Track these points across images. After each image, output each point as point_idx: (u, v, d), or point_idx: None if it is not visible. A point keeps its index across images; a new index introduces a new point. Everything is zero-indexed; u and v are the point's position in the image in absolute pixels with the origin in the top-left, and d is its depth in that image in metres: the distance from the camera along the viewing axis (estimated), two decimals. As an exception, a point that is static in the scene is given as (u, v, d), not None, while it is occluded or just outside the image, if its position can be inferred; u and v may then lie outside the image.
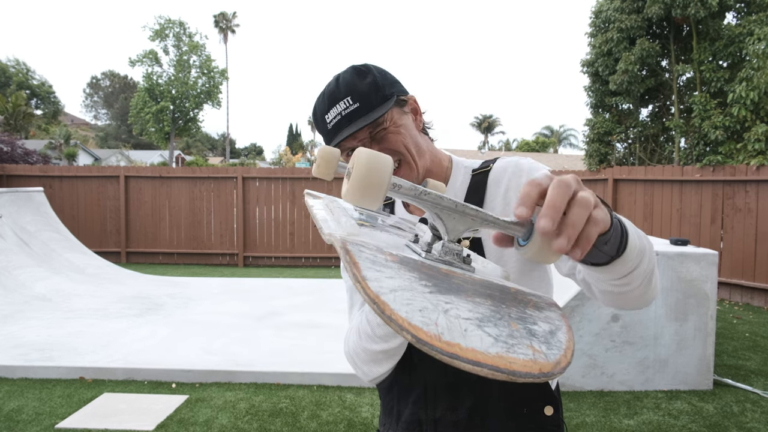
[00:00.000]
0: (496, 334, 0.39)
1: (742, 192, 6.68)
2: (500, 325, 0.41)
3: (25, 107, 27.92)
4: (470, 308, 0.42)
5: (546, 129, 51.52)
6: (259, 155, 63.32)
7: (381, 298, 0.38)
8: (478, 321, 0.40)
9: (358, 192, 0.48)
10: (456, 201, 0.53)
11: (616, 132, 9.82)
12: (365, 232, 0.60)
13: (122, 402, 3.40)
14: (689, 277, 3.62)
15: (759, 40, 7.34)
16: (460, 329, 0.38)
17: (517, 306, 0.47)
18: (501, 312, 0.43)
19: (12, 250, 6.31)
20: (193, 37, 28.93)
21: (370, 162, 0.48)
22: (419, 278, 0.44)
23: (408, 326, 0.36)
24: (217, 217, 9.27)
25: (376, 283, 0.40)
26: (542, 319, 0.45)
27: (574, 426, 3.14)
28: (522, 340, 0.40)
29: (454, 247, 0.54)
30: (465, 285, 0.47)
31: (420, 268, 0.48)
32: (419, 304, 0.39)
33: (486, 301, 0.45)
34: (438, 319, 0.38)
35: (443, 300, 0.41)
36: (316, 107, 0.95)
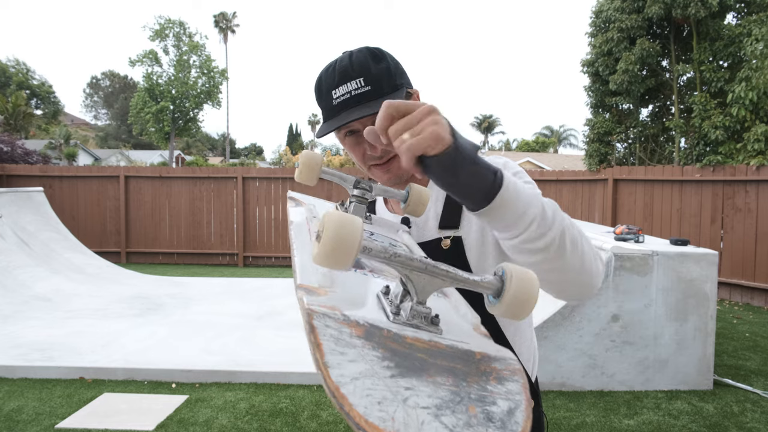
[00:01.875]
0: (453, 425, 0.39)
1: (742, 192, 6.68)
2: (458, 411, 0.41)
3: (25, 107, 27.92)
4: (430, 393, 0.42)
5: (546, 129, 51.51)
6: (259, 155, 63.31)
7: (340, 390, 0.39)
8: (436, 409, 0.40)
9: (327, 259, 0.47)
10: (426, 262, 0.53)
11: (616, 132, 9.82)
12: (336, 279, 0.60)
13: (122, 402, 3.41)
14: (689, 277, 3.62)
15: (757, 40, 7.34)
16: (417, 423, 0.38)
17: (478, 381, 0.47)
18: (461, 393, 0.44)
19: (12, 250, 6.31)
20: (193, 37, 28.94)
21: (340, 229, 0.47)
22: (382, 358, 0.45)
23: (365, 425, 0.37)
24: (217, 217, 9.27)
25: (337, 371, 0.40)
26: (503, 395, 0.45)
27: (574, 426, 3.14)
28: (478, 429, 0.40)
29: (423, 309, 0.54)
30: (428, 360, 0.47)
31: (385, 341, 0.48)
32: (379, 394, 0.40)
33: (447, 379, 0.45)
34: (396, 413, 0.38)
35: (404, 385, 0.42)
36: (323, 79, 0.92)
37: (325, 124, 0.94)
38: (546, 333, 3.57)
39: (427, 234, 0.99)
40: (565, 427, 3.12)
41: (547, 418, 3.22)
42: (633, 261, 3.59)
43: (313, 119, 67.86)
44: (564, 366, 3.62)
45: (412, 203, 0.88)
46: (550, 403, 3.43)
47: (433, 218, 0.99)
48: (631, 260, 3.59)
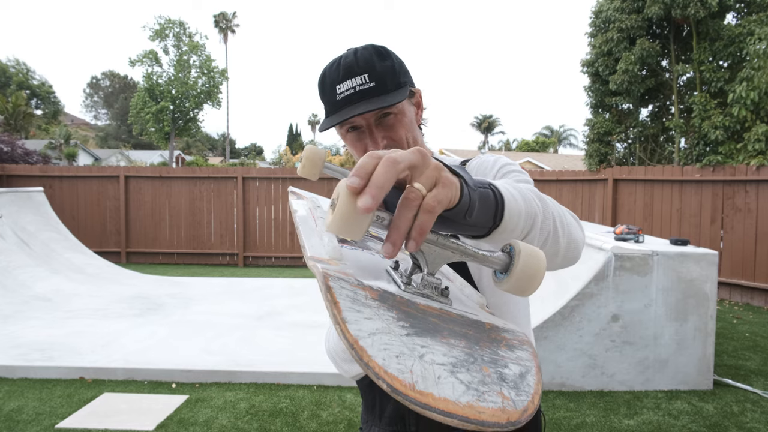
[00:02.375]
0: (468, 381, 0.40)
1: (742, 192, 6.68)
2: (473, 370, 0.42)
3: (25, 107, 27.92)
4: (445, 352, 0.43)
5: (546, 129, 51.49)
6: (259, 155, 63.30)
7: (359, 342, 0.39)
8: (452, 366, 0.41)
9: (342, 226, 0.46)
10: (438, 234, 0.53)
11: (616, 132, 9.82)
12: (347, 254, 0.61)
13: (122, 402, 3.41)
14: (689, 277, 3.62)
15: (759, 40, 7.34)
16: (434, 377, 0.39)
17: (490, 346, 0.47)
18: (474, 355, 0.44)
19: (12, 250, 6.31)
20: (193, 37, 28.93)
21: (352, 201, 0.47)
22: (397, 318, 0.45)
23: (384, 375, 0.37)
24: (217, 217, 9.27)
25: (355, 326, 0.41)
26: (514, 360, 0.46)
27: (574, 426, 3.14)
28: (493, 387, 0.40)
29: (433, 280, 0.54)
30: (441, 324, 0.48)
31: (398, 305, 0.48)
32: (396, 348, 0.40)
33: (460, 342, 0.46)
34: (413, 366, 0.39)
35: (419, 343, 0.42)
36: (327, 74, 0.92)
37: (327, 118, 0.93)
38: (546, 333, 3.57)
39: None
40: (565, 427, 3.12)
41: (546, 418, 3.22)
42: (633, 261, 3.59)
43: (313, 119, 67.84)
44: (564, 366, 3.62)
45: None
46: (550, 403, 3.43)
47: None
48: (631, 260, 3.59)
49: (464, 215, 0.54)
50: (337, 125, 0.94)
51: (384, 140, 0.92)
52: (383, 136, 0.92)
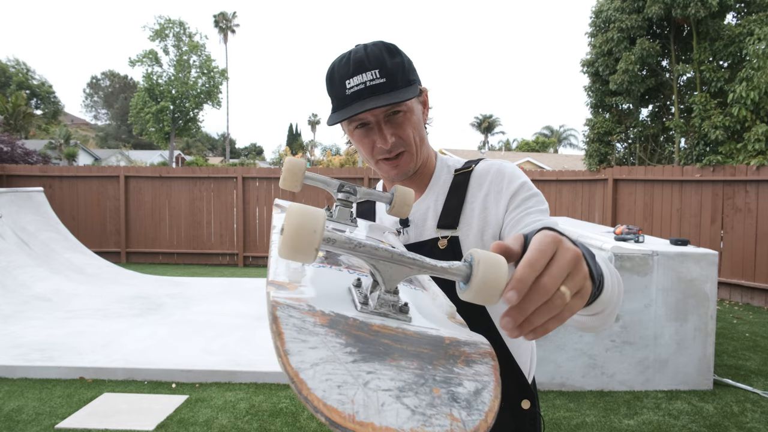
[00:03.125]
0: (415, 405, 0.39)
1: (742, 192, 6.68)
2: (421, 392, 0.41)
3: (25, 107, 27.91)
4: (392, 376, 0.42)
5: (546, 129, 51.50)
6: (259, 155, 63.31)
7: (299, 375, 0.39)
8: (399, 391, 0.40)
9: (290, 252, 0.47)
10: (392, 251, 0.53)
11: (616, 132, 9.82)
12: (307, 274, 0.61)
13: (122, 402, 3.41)
14: (689, 277, 3.62)
15: (759, 39, 7.33)
16: (377, 404, 0.38)
17: (445, 364, 0.47)
18: (426, 376, 0.43)
19: (12, 250, 6.31)
20: (193, 37, 28.93)
21: (302, 221, 0.47)
22: (345, 345, 0.45)
23: (323, 408, 0.37)
24: (217, 217, 9.27)
25: (297, 357, 0.41)
26: (470, 377, 0.45)
27: (574, 426, 3.14)
28: (442, 409, 0.40)
29: (390, 298, 0.54)
30: (393, 345, 0.47)
31: (350, 329, 0.48)
32: (339, 378, 0.40)
33: (412, 363, 0.45)
34: (356, 395, 0.38)
35: (365, 369, 0.42)
36: (336, 68, 0.91)
37: (336, 113, 0.92)
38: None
39: (425, 233, 0.99)
40: (565, 427, 3.12)
41: (545, 420, 3.22)
42: (633, 261, 3.59)
43: (313, 119, 67.85)
44: (564, 366, 3.62)
45: (397, 204, 0.89)
46: (550, 403, 3.43)
47: (432, 218, 0.99)
48: (631, 260, 3.59)
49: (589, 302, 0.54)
50: (346, 121, 0.93)
51: (392, 137, 0.91)
52: (392, 134, 0.92)
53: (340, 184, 0.88)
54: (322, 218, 0.48)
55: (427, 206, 1.00)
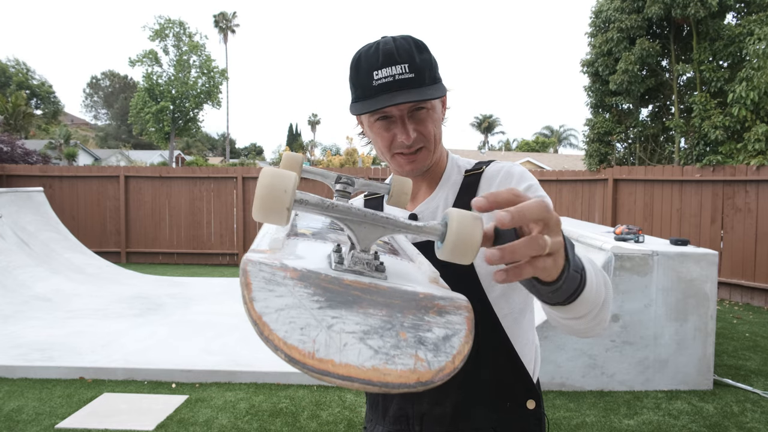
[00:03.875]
0: (378, 346, 0.40)
1: (742, 192, 6.68)
2: (386, 336, 0.42)
3: (25, 107, 27.90)
4: (358, 321, 0.43)
5: (546, 129, 51.50)
6: (259, 155, 63.28)
7: (263, 318, 0.39)
8: (363, 333, 0.41)
9: (261, 212, 0.48)
10: (365, 211, 0.54)
11: (616, 132, 9.82)
12: (290, 245, 0.62)
13: (122, 402, 3.41)
14: (689, 277, 3.62)
15: (759, 39, 7.33)
16: (339, 344, 0.39)
17: (415, 313, 0.47)
18: (393, 321, 0.44)
19: (12, 250, 6.31)
20: (193, 37, 28.92)
21: (272, 181, 0.48)
22: (313, 294, 0.45)
23: (283, 346, 0.37)
24: (217, 217, 9.27)
25: (262, 303, 0.41)
26: (441, 324, 0.46)
27: (574, 426, 3.14)
28: (407, 350, 0.40)
29: (365, 256, 0.55)
30: (363, 296, 0.48)
31: (320, 282, 0.49)
32: (303, 321, 0.40)
33: (380, 311, 0.45)
34: (318, 336, 0.39)
35: (330, 315, 0.42)
36: (364, 59, 0.89)
37: (360, 103, 0.91)
38: (546, 333, 3.57)
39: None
40: (565, 427, 3.12)
41: (548, 418, 3.22)
42: (633, 261, 3.59)
43: (313, 119, 67.85)
44: (564, 366, 3.62)
45: (395, 194, 0.90)
46: (550, 403, 3.43)
47: (441, 216, 0.99)
48: (631, 260, 3.59)
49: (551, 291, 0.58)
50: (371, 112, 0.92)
51: (414, 133, 0.91)
52: (414, 129, 0.91)
53: (337, 176, 0.88)
54: (293, 179, 0.49)
55: (437, 204, 1.00)
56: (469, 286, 0.92)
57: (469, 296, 0.90)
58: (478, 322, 0.91)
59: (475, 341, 0.92)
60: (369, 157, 29.42)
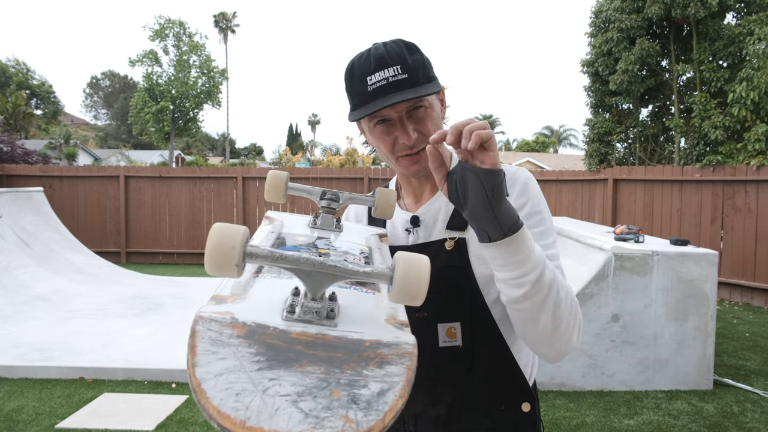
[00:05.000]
0: (309, 409, 0.41)
1: (742, 192, 6.67)
2: (320, 396, 0.43)
3: (25, 107, 27.89)
4: (295, 381, 0.44)
5: (546, 129, 51.52)
6: (259, 155, 63.26)
7: (201, 385, 0.41)
8: (297, 396, 0.42)
9: (213, 268, 0.50)
10: (314, 260, 0.54)
11: (616, 132, 9.81)
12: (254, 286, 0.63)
13: (122, 402, 3.41)
14: (689, 277, 3.62)
15: (759, 40, 7.33)
16: (271, 410, 0.40)
17: (355, 367, 0.48)
18: (330, 379, 0.45)
19: (12, 250, 6.31)
20: (193, 37, 28.91)
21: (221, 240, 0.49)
22: (255, 354, 0.46)
23: (216, 415, 0.39)
24: (217, 217, 9.27)
25: (203, 369, 0.43)
26: (378, 378, 0.47)
27: (574, 426, 3.14)
28: (338, 411, 0.42)
29: (314, 305, 0.56)
30: (305, 351, 0.49)
31: (265, 338, 0.49)
32: (239, 386, 0.42)
33: (319, 368, 0.46)
34: (252, 402, 0.41)
35: (268, 377, 0.44)
36: (356, 66, 0.91)
37: (358, 110, 0.92)
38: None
39: (434, 234, 0.99)
40: (565, 427, 3.12)
41: (544, 423, 3.22)
42: (633, 261, 3.59)
43: (313, 119, 67.84)
44: (564, 366, 3.62)
45: (380, 206, 0.91)
46: (550, 403, 3.43)
47: (442, 219, 0.99)
48: (631, 260, 3.59)
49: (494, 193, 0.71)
50: (366, 117, 0.93)
51: (415, 133, 0.91)
52: (414, 129, 0.92)
53: (322, 192, 0.90)
54: (242, 235, 0.50)
55: (439, 207, 1.00)
56: (467, 290, 0.92)
57: (467, 300, 0.91)
58: (475, 324, 0.92)
59: (471, 343, 0.94)
60: (369, 157, 29.42)
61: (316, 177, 9.38)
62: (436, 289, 0.80)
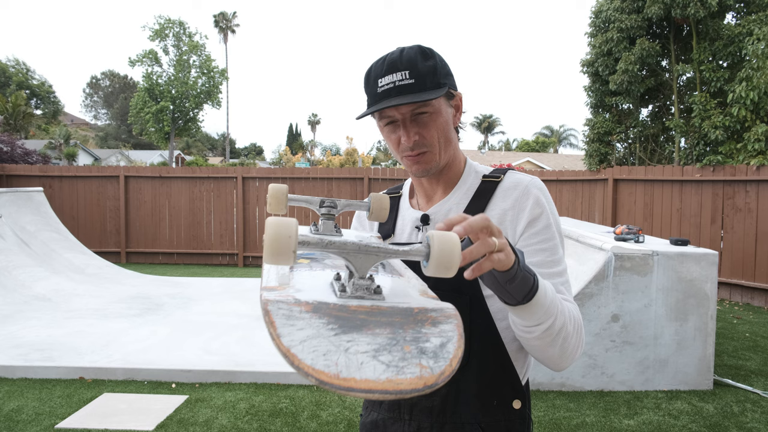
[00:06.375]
0: (389, 361, 0.47)
1: (742, 192, 6.68)
2: (394, 351, 0.49)
3: (25, 107, 27.89)
4: (368, 341, 0.50)
5: (546, 129, 51.50)
6: (259, 155, 63.31)
7: (291, 351, 0.47)
8: (374, 352, 0.48)
9: (272, 257, 0.56)
10: (359, 243, 0.62)
11: (616, 132, 9.82)
12: (295, 277, 0.70)
13: (122, 402, 3.40)
14: (689, 277, 3.62)
15: (759, 40, 7.34)
16: (357, 364, 0.46)
17: (414, 327, 0.55)
18: (397, 338, 0.52)
19: (12, 250, 6.31)
20: (192, 37, 28.90)
21: (278, 230, 0.56)
22: (327, 323, 0.53)
23: (312, 372, 0.45)
24: (217, 217, 9.27)
25: (288, 338, 0.49)
26: (436, 334, 0.54)
27: (574, 426, 3.14)
28: (412, 360, 0.48)
29: (363, 282, 0.63)
30: (369, 319, 0.56)
31: (331, 311, 0.56)
32: (324, 348, 0.48)
33: (385, 330, 0.53)
34: (338, 359, 0.46)
35: (345, 339, 0.50)
36: (372, 69, 0.97)
37: (367, 108, 0.99)
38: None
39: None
40: (565, 427, 3.12)
41: (544, 422, 3.22)
42: (633, 261, 3.59)
43: (313, 119, 67.84)
44: (564, 366, 3.62)
45: (375, 210, 0.97)
46: (550, 403, 3.44)
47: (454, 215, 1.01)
48: (631, 260, 3.59)
49: (507, 281, 0.73)
50: (376, 116, 0.99)
51: (415, 136, 0.96)
52: (415, 132, 0.96)
53: (320, 200, 0.95)
54: (295, 225, 0.57)
55: (449, 208, 1.04)
56: (468, 288, 0.95)
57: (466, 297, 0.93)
58: (474, 321, 0.94)
59: (467, 339, 0.96)
60: (369, 157, 29.39)
61: (316, 177, 9.38)
62: (439, 285, 0.85)
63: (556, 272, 0.95)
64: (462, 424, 0.96)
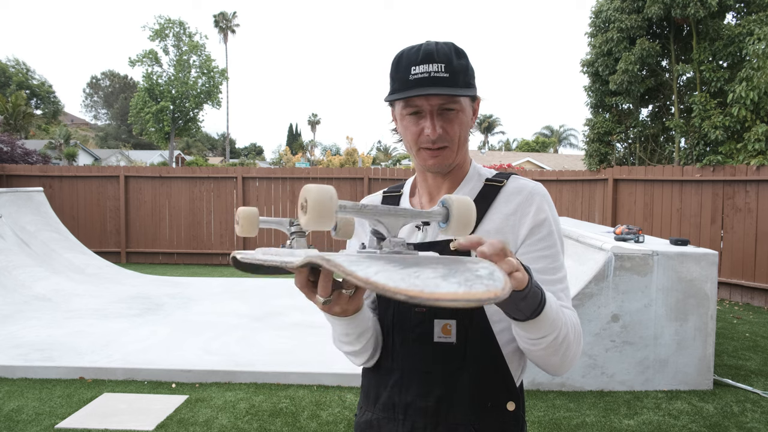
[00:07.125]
0: (458, 281, 0.53)
1: (742, 192, 6.67)
2: (457, 275, 0.55)
3: (25, 107, 27.87)
4: (432, 271, 0.56)
5: (546, 129, 51.50)
6: (259, 155, 63.28)
7: (371, 279, 0.51)
8: (442, 276, 0.54)
9: (314, 222, 0.60)
10: (388, 207, 0.70)
11: (616, 132, 9.81)
12: None
13: (122, 402, 3.41)
14: (689, 277, 3.62)
15: (759, 40, 7.33)
16: (434, 284, 0.51)
17: (462, 263, 0.61)
18: (453, 269, 0.57)
19: (12, 250, 6.31)
20: (193, 37, 28.90)
21: (320, 196, 0.60)
22: (388, 261, 0.59)
23: (399, 290, 0.49)
24: (217, 217, 9.27)
25: (362, 272, 0.53)
26: (482, 267, 0.60)
27: (574, 426, 3.14)
28: (476, 281, 0.54)
29: (398, 240, 0.71)
30: (420, 260, 0.63)
31: (383, 257, 0.63)
32: (398, 276, 0.53)
33: (439, 266, 0.59)
34: (416, 281, 0.51)
35: (411, 271, 0.55)
36: (404, 55, 0.97)
37: (395, 94, 0.98)
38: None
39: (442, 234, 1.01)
40: (565, 427, 3.12)
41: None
42: (633, 261, 3.59)
43: (313, 119, 67.83)
44: (564, 366, 3.62)
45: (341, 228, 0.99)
46: (550, 403, 3.44)
47: None
48: (631, 260, 3.59)
49: (520, 299, 0.75)
50: (401, 104, 0.99)
51: (440, 129, 0.97)
52: (441, 126, 0.96)
53: (289, 221, 0.97)
54: (334, 190, 0.62)
55: None
56: None
57: None
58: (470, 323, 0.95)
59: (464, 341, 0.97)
60: (369, 157, 29.37)
61: (316, 177, 9.38)
62: None
63: (557, 279, 0.97)
64: (456, 425, 0.96)
